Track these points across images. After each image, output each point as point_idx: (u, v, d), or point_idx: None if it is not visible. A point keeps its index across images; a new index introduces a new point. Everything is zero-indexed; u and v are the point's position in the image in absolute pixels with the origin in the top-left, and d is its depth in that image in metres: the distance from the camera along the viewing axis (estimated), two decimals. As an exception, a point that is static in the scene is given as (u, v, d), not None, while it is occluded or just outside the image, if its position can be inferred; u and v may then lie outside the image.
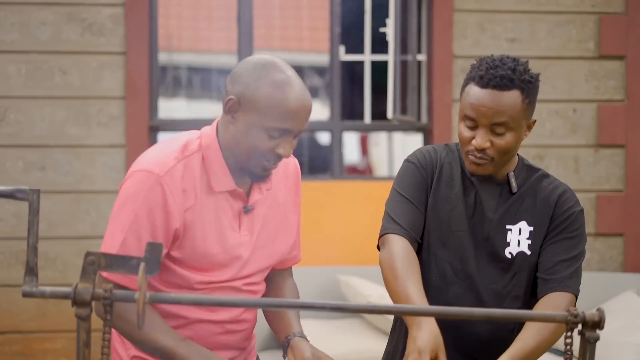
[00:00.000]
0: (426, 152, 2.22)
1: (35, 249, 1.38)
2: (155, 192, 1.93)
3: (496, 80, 2.03)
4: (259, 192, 2.07)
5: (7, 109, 4.21)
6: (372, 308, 1.43)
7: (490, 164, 2.09)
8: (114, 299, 1.34)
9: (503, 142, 2.06)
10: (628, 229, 4.52)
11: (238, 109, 1.94)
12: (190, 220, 1.97)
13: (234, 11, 4.57)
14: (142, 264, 1.32)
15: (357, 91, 7.93)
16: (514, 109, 2.04)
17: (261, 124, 1.92)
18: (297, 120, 1.93)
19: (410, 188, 2.17)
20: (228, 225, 2.02)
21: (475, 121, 2.06)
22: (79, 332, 1.33)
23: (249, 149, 1.95)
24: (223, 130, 2.00)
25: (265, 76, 1.93)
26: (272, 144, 1.94)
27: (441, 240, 2.16)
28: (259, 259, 2.11)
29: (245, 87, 1.93)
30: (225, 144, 2.00)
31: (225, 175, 1.99)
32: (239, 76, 1.95)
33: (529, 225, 2.15)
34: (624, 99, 4.53)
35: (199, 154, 1.99)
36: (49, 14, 4.22)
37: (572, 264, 2.12)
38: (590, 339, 1.40)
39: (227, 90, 1.97)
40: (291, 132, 1.95)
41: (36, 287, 1.37)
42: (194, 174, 1.97)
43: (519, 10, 4.49)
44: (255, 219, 2.08)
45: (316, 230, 4.43)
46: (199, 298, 1.43)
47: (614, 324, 3.75)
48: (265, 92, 1.92)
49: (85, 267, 1.34)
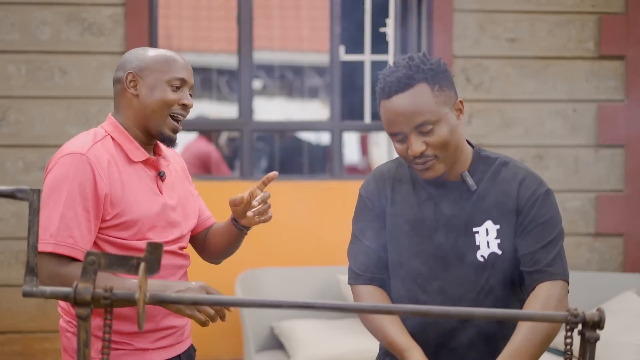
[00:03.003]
0: (372, 180, 2.18)
1: (36, 249, 1.38)
2: (84, 167, 2.15)
3: (395, 85, 1.99)
4: (165, 161, 2.36)
5: (7, 109, 4.21)
6: (372, 308, 1.44)
7: (436, 163, 2.03)
8: (114, 298, 1.34)
9: (436, 138, 2.00)
10: (628, 229, 4.52)
11: (138, 80, 2.26)
12: (119, 190, 2.19)
13: (234, 11, 4.57)
14: (143, 264, 1.32)
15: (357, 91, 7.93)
16: (425, 103, 1.99)
17: (162, 80, 2.25)
18: (188, 71, 2.29)
19: (363, 228, 2.17)
20: (151, 190, 2.26)
21: (401, 132, 2.01)
22: (79, 331, 1.33)
23: (159, 106, 2.25)
24: (124, 113, 2.29)
25: (147, 50, 2.31)
26: (176, 96, 2.25)
27: (407, 262, 2.11)
28: (185, 222, 2.36)
29: (137, 61, 2.27)
30: (130, 124, 2.28)
31: (137, 149, 2.27)
32: (126, 61, 2.30)
33: (495, 223, 2.07)
34: (624, 99, 4.53)
35: (109, 138, 2.25)
36: (49, 14, 4.22)
37: (552, 249, 2.05)
38: (590, 339, 1.40)
39: (119, 76, 2.29)
40: (186, 82, 2.27)
41: (36, 287, 1.38)
42: (111, 151, 2.23)
43: (519, 10, 4.49)
44: (169, 186, 2.34)
45: (316, 230, 4.43)
46: (198, 298, 1.43)
47: (614, 324, 3.75)
48: (154, 56, 2.28)
49: (86, 266, 1.34)
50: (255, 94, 6.02)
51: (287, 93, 9.93)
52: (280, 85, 9.80)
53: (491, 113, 4.50)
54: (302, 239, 4.48)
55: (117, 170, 2.21)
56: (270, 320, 4.20)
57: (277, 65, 9.47)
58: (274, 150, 7.14)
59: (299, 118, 8.75)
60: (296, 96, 9.87)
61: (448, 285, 2.09)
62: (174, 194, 2.33)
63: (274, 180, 2.31)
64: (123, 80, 2.28)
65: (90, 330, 1.35)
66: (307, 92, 9.86)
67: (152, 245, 1.35)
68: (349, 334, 3.97)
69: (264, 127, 6.15)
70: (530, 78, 4.50)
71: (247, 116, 4.59)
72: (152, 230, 2.23)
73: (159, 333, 2.28)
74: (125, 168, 2.23)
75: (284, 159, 7.03)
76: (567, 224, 4.55)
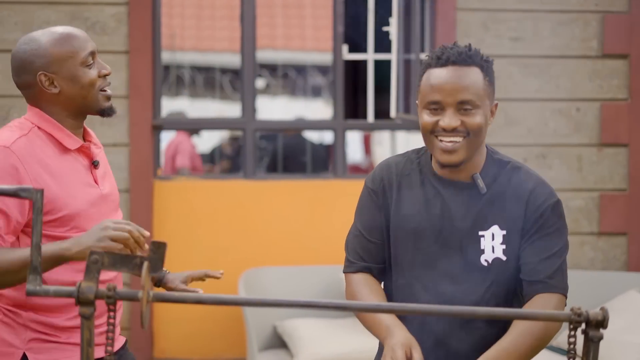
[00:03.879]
0: (379, 172, 2.15)
1: (39, 248, 1.38)
2: (5, 160, 2.06)
3: (455, 56, 2.02)
4: (96, 147, 2.26)
5: (10, 108, 4.21)
6: (374, 307, 1.43)
7: (463, 145, 2.00)
8: (117, 297, 1.34)
9: (472, 120, 2.00)
10: (631, 228, 4.51)
11: (52, 77, 2.14)
12: (52, 186, 2.09)
13: (237, 10, 4.57)
14: (146, 263, 1.31)
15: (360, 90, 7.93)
16: (477, 85, 2.02)
17: (75, 63, 2.15)
18: (89, 40, 2.19)
19: (364, 220, 2.14)
20: (86, 182, 2.18)
21: (441, 103, 2.00)
22: (83, 330, 1.33)
23: (86, 88, 2.16)
24: (49, 110, 2.17)
25: (39, 41, 2.15)
26: (95, 71, 2.17)
27: (411, 260, 2.08)
28: (115, 212, 2.27)
29: (40, 59, 2.14)
30: (57, 114, 2.17)
31: (69, 137, 2.18)
32: (25, 62, 2.15)
33: (502, 229, 2.04)
34: (627, 97, 4.52)
35: (35, 129, 2.15)
36: (52, 13, 4.23)
37: (555, 261, 2.02)
38: (593, 338, 1.39)
39: (27, 80, 2.15)
40: (95, 52, 2.18)
41: (40, 285, 1.37)
42: (40, 143, 2.13)
43: (522, 9, 4.48)
44: (102, 175, 2.25)
45: (319, 228, 4.43)
46: (201, 297, 1.42)
47: (617, 323, 3.74)
48: (53, 44, 2.15)
49: (89, 266, 1.34)
50: (258, 93, 6.02)
51: (290, 92, 9.94)
52: (283, 84, 9.81)
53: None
54: (305, 237, 4.48)
55: (46, 162, 2.12)
56: (273, 320, 4.20)
57: (280, 64, 9.48)
58: (276, 150, 7.15)
59: (301, 117, 8.75)
60: (299, 95, 9.87)
61: (449, 288, 2.06)
62: (107, 184, 2.26)
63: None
64: (37, 84, 2.16)
65: (93, 330, 1.34)
66: (310, 91, 9.86)
67: (155, 244, 1.34)
68: (352, 333, 3.97)
69: (267, 126, 6.15)
70: (534, 77, 4.50)
71: (250, 115, 4.59)
72: (90, 222, 2.14)
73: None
74: (58, 159, 2.15)
75: (286, 158, 7.03)
76: (570, 223, 4.54)
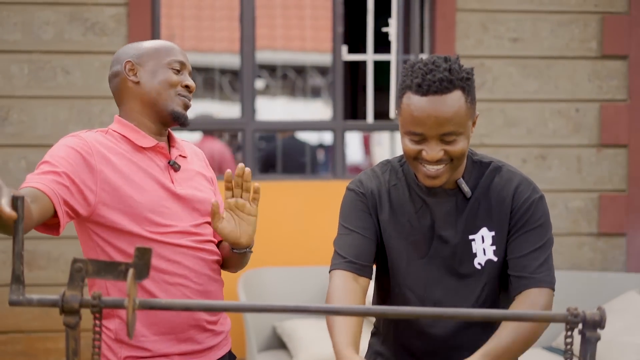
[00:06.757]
0: (366, 178, 2.12)
1: (21, 257, 1.32)
2: (79, 144, 2.12)
3: (436, 85, 1.89)
4: (177, 151, 2.29)
5: (10, 109, 4.22)
6: (365, 310, 1.43)
7: (447, 169, 1.97)
8: (103, 305, 1.30)
9: (456, 148, 1.94)
10: (630, 228, 4.51)
11: (137, 68, 2.24)
12: (116, 177, 2.12)
13: (237, 11, 4.58)
14: (131, 270, 1.27)
15: (360, 91, 7.93)
16: (459, 113, 1.91)
17: (161, 63, 2.24)
18: (185, 56, 2.29)
19: (353, 219, 2.09)
20: (158, 179, 2.19)
21: (423, 135, 1.93)
22: (67, 340, 1.28)
23: (164, 88, 2.22)
24: (129, 106, 2.24)
25: (142, 42, 2.31)
26: (178, 78, 2.25)
27: (403, 270, 2.07)
28: (193, 215, 2.24)
29: (133, 51, 2.27)
30: (136, 115, 2.23)
31: (144, 137, 2.22)
32: (120, 54, 2.28)
33: (490, 230, 2.04)
34: (626, 98, 4.52)
35: (111, 131, 2.23)
36: (52, 14, 4.23)
37: (540, 255, 2.02)
38: (591, 339, 1.39)
39: (116, 70, 2.26)
40: (185, 66, 2.27)
41: (23, 295, 1.32)
42: (115, 140, 2.20)
43: (521, 10, 4.49)
44: (183, 178, 2.26)
45: (318, 229, 4.43)
46: (188, 303, 1.37)
47: (617, 324, 3.74)
48: (150, 44, 2.28)
49: (73, 274, 1.29)
50: (257, 93, 6.02)
51: (290, 93, 9.93)
52: (282, 85, 9.80)
53: (494, 113, 4.50)
54: (304, 238, 4.48)
55: (117, 158, 2.14)
56: (272, 320, 4.20)
57: (280, 65, 9.48)
58: (276, 150, 7.14)
59: (301, 118, 8.75)
60: (298, 96, 9.87)
61: (443, 296, 2.06)
62: (187, 187, 2.24)
63: (248, 173, 2.23)
64: (122, 71, 2.24)
65: (79, 339, 1.29)
66: (310, 91, 9.86)
67: (140, 250, 1.29)
68: (351, 334, 3.96)
69: (267, 127, 6.15)
70: (533, 78, 4.50)
71: (249, 116, 4.59)
72: (164, 219, 2.15)
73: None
74: (130, 154, 2.17)
75: (286, 158, 7.03)
76: (569, 223, 4.55)
